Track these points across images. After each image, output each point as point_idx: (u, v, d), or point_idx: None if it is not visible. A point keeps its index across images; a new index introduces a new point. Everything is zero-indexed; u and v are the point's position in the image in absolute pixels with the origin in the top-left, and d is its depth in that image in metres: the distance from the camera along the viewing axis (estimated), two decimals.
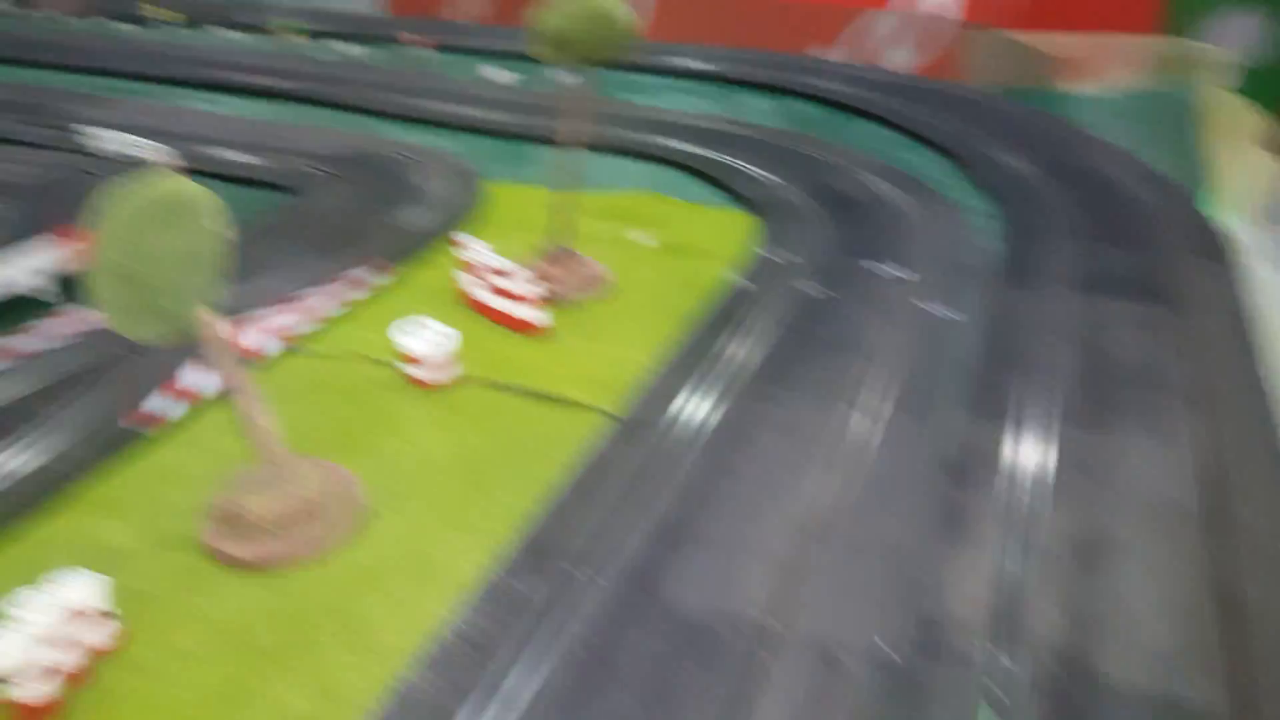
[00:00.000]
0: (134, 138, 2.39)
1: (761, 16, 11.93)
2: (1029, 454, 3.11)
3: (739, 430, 2.52)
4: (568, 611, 1.74)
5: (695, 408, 2.18)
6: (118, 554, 1.25)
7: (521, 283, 1.82)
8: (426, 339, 1.63)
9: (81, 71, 4.04)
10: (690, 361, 2.13)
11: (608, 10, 2.15)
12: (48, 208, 2.46)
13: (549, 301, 1.88)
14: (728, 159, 6.34)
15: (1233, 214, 5.01)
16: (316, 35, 4.04)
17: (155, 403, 1.59)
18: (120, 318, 1.12)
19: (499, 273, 1.81)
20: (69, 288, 2.26)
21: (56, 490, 1.40)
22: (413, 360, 1.58)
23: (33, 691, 1.06)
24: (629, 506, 1.96)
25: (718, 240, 4.15)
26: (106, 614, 1.17)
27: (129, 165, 2.73)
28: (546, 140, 3.57)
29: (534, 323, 1.71)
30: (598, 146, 3.03)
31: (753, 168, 6.10)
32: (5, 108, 3.38)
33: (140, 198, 1.13)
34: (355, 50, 3.63)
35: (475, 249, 1.82)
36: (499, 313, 1.78)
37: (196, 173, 2.69)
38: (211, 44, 4.19)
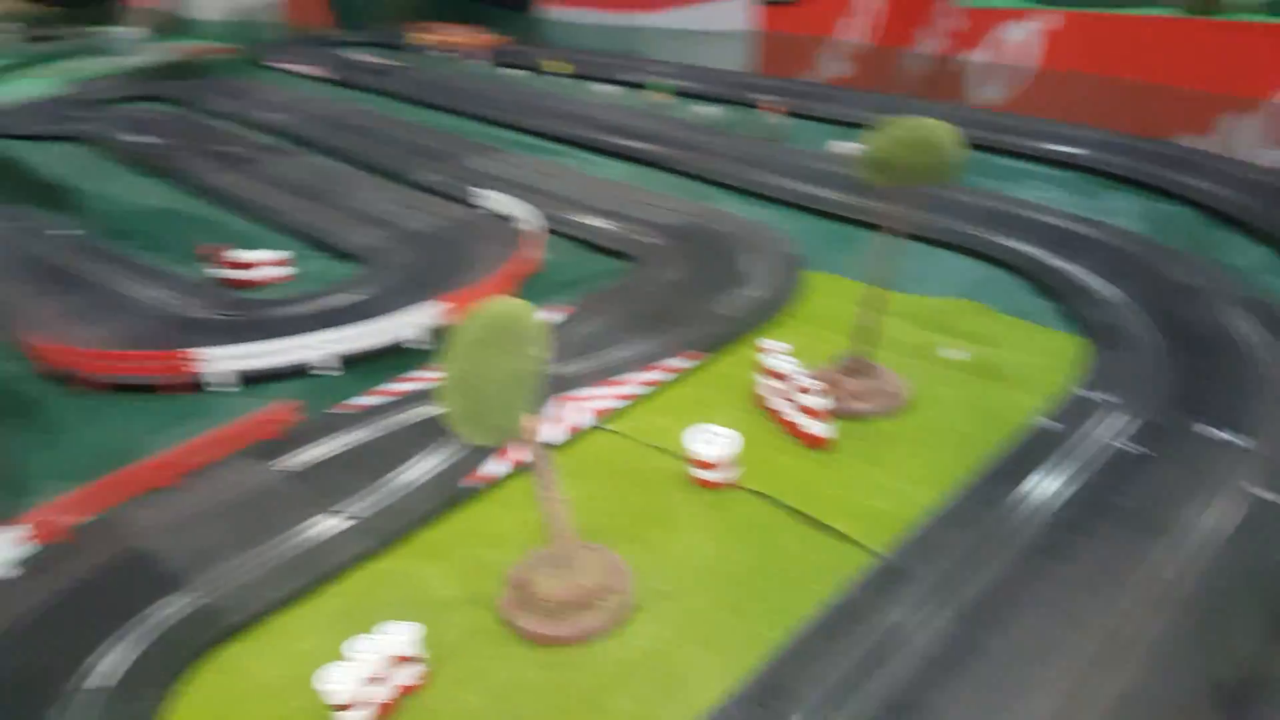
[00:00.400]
0: (509, 199, 2.77)
1: (1134, 97, 10.89)
2: None
3: (1001, 604, 2.24)
4: None
5: (960, 569, 2.00)
6: (433, 600, 1.51)
7: (815, 397, 1.88)
8: (712, 442, 1.76)
9: (470, 116, 4.56)
10: (970, 512, 1.96)
11: (937, 139, 2.09)
12: (437, 263, 2.90)
13: (837, 413, 1.90)
14: (1071, 268, 5.57)
15: None
16: (681, 94, 4.33)
17: (489, 465, 1.86)
18: (460, 424, 1.35)
19: (798, 387, 1.88)
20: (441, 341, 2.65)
21: (401, 533, 1.70)
22: (698, 463, 1.72)
23: (374, 702, 1.32)
24: (868, 665, 1.88)
25: (1036, 367, 3.68)
26: (417, 659, 1.43)
27: (504, 224, 3.07)
28: (876, 226, 3.49)
29: (819, 437, 1.77)
30: (924, 238, 2.91)
31: (1097, 282, 5.35)
32: (416, 150, 3.97)
33: (481, 321, 1.35)
34: (713, 112, 3.83)
35: (777, 356, 1.91)
36: (788, 422, 1.86)
37: (555, 233, 3.04)
38: (588, 100, 4.58)
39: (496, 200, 2.75)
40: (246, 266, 2.54)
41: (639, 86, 4.46)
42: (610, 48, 5.69)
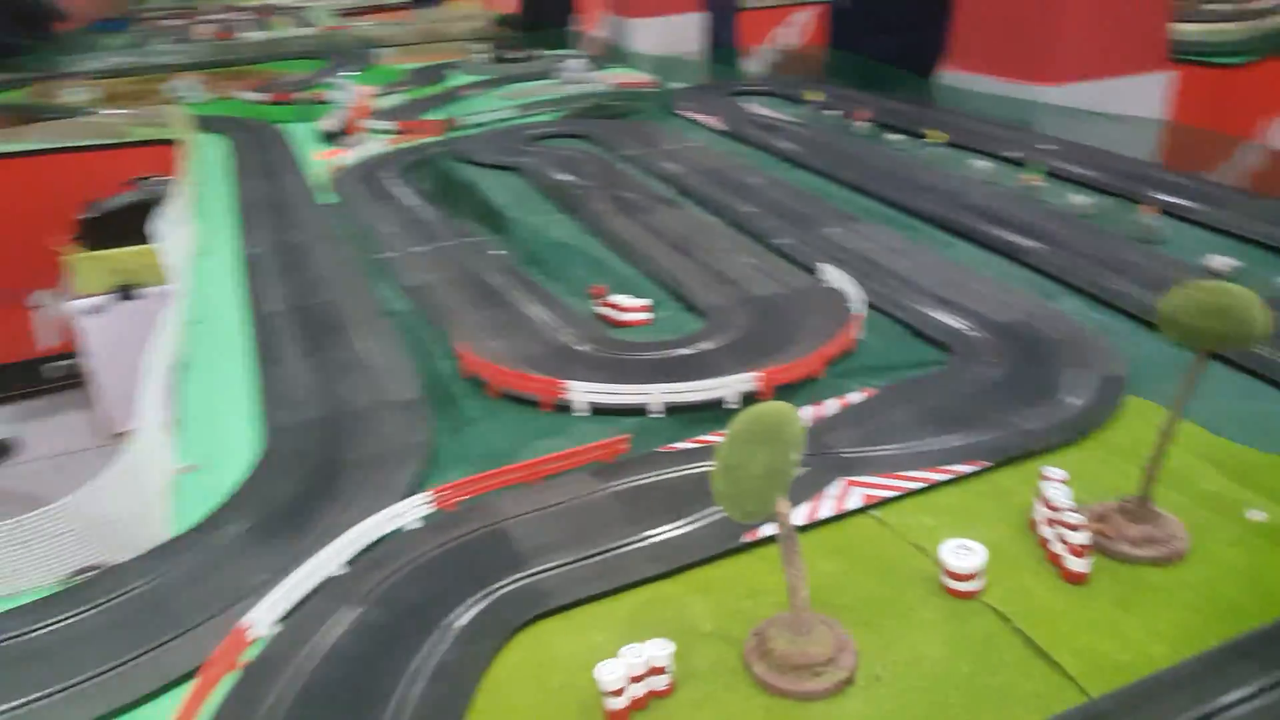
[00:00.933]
0: (845, 277, 2.91)
1: None
2: None
3: None
4: None
5: None
6: (692, 629, 1.81)
7: (1079, 534, 1.82)
8: (966, 554, 1.85)
9: (840, 181, 4.57)
10: (1193, 680, 1.68)
11: (1243, 309, 1.84)
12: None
13: (1104, 551, 1.81)
14: None
15: None
16: (1054, 176, 4.02)
17: (766, 528, 2.10)
18: (722, 502, 1.66)
19: (1065, 522, 1.83)
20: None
21: (683, 566, 2.01)
22: (949, 571, 1.82)
23: (617, 705, 1.70)
24: None
25: None
26: (668, 671, 1.76)
27: (837, 301, 3.15)
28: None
29: (1077, 573, 1.76)
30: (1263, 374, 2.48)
31: None
32: (781, 212, 4.17)
33: (749, 419, 1.62)
34: (1085, 201, 3.54)
35: (1055, 486, 1.86)
36: (1052, 553, 1.84)
37: (880, 311, 3.23)
38: (957, 174, 4.41)
39: (835, 276, 2.92)
40: (621, 309, 3.03)
41: (1017, 164, 4.21)
42: (1004, 117, 5.31)
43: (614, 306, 3.01)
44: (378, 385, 2.67)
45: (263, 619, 1.72)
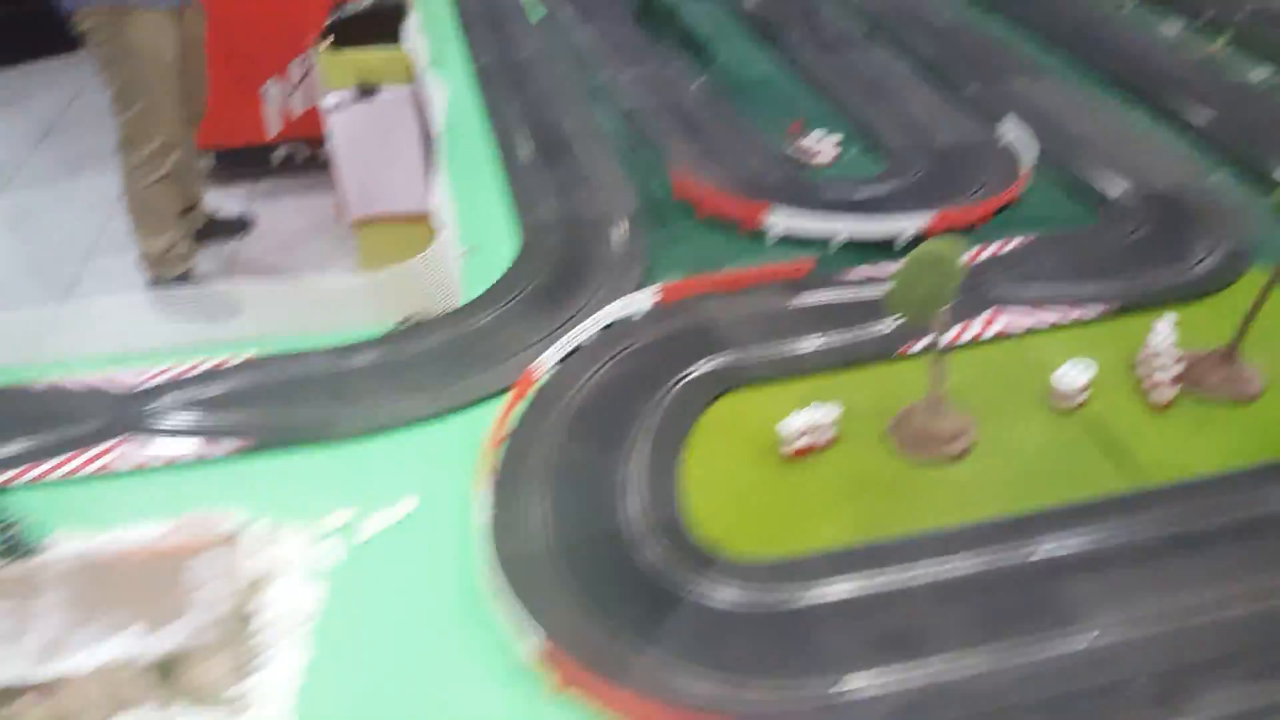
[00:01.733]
0: (1024, 133, 2.96)
1: None
2: None
3: None
4: None
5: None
6: (851, 404, 2.35)
7: (1169, 370, 2.16)
8: (1074, 374, 2.28)
9: (1028, 29, 4.39)
10: (1232, 488, 1.96)
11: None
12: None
13: (1189, 387, 2.13)
14: None
15: None
16: (1237, 44, 3.71)
17: (922, 341, 2.54)
18: (894, 312, 2.18)
19: (1163, 363, 2.15)
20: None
21: (847, 365, 2.55)
22: (1060, 389, 2.25)
23: (791, 448, 2.35)
24: None
25: None
26: (833, 428, 2.34)
27: (1012, 155, 3.33)
28: None
29: (1162, 401, 2.14)
30: None
31: None
32: (972, 61, 4.13)
33: (924, 250, 2.10)
34: (1260, 75, 3.31)
35: (1162, 333, 2.17)
36: (1146, 385, 2.21)
37: (1043, 164, 3.53)
38: (1142, 36, 4.13)
39: (1014, 131, 3.11)
40: (812, 147, 3.36)
41: (1208, 29, 3.86)
42: None
43: (807, 143, 3.44)
44: (603, 198, 3.19)
45: (543, 363, 2.42)
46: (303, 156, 6.97)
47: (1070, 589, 1.84)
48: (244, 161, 6.89)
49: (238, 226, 6.33)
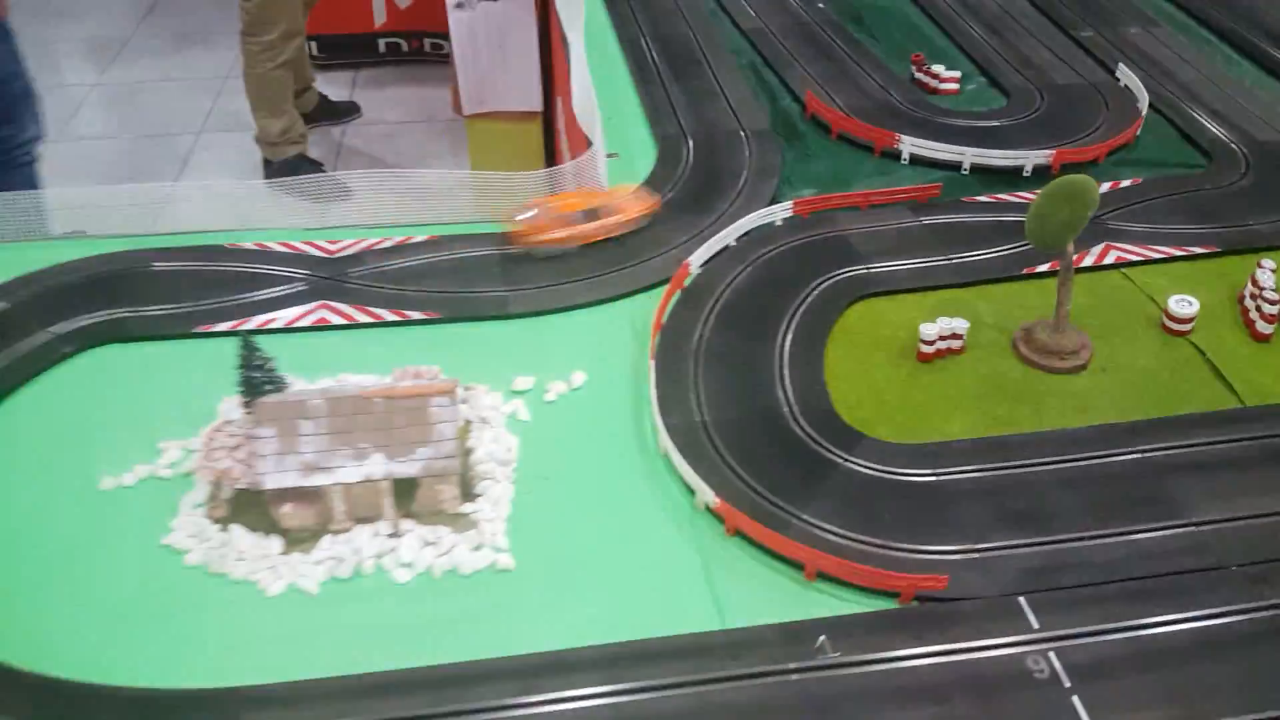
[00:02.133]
0: (1139, 80, 3.18)
1: None
2: None
3: None
4: None
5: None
6: (978, 319, 2.64)
7: (1270, 304, 2.38)
8: (1184, 306, 2.51)
9: None
10: None
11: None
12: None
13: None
14: None
15: None
16: None
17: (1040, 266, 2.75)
18: (1031, 238, 2.41)
19: (1264, 298, 2.37)
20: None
21: (973, 282, 2.80)
22: (1170, 316, 2.48)
23: (929, 350, 2.61)
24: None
25: None
26: (962, 338, 2.62)
27: (1129, 99, 3.49)
28: None
29: (1262, 333, 2.36)
30: None
31: None
32: (1088, 4, 4.19)
33: (1060, 183, 2.31)
34: None
35: (1265, 272, 2.37)
36: (1248, 318, 2.43)
37: (1155, 109, 3.70)
38: None
39: (1127, 76, 3.26)
40: (936, 77, 3.52)
41: None
42: None
43: (930, 74, 3.64)
44: (735, 112, 3.42)
45: (694, 261, 2.70)
46: (408, 49, 7.15)
47: (1177, 487, 2.14)
48: (347, 49, 7.05)
49: (347, 110, 6.57)
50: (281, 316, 2.30)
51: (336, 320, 2.39)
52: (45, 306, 2.29)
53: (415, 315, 2.41)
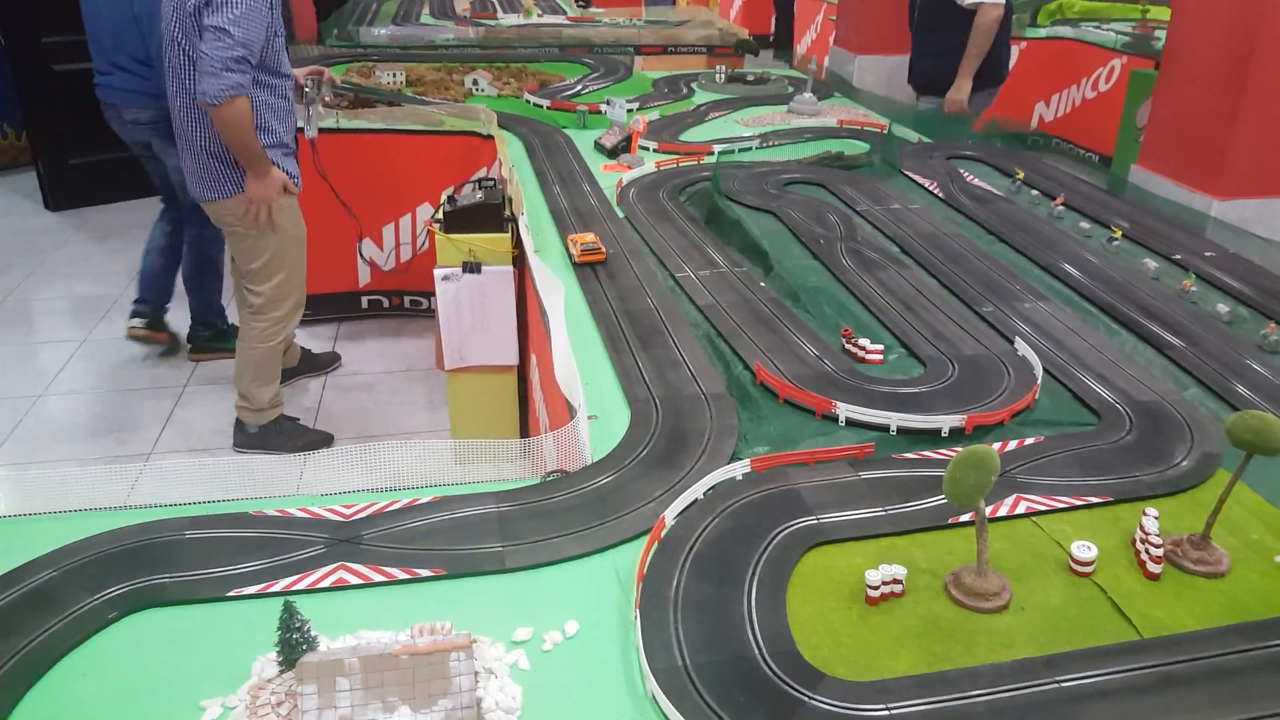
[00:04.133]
0: (1030, 350, 3.69)
1: None
2: None
3: None
4: None
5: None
6: (915, 565, 3.07)
7: (1158, 549, 2.81)
8: (1085, 551, 2.96)
9: (1030, 259, 5.26)
10: (1207, 641, 2.64)
11: (1272, 430, 2.76)
12: None
13: (1173, 563, 2.73)
14: None
15: None
16: (1203, 281, 4.32)
17: (963, 516, 3.21)
18: (948, 497, 2.89)
19: (1152, 544, 2.79)
20: None
21: (906, 530, 3.27)
22: (1075, 560, 2.92)
23: (875, 595, 3.01)
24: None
25: None
26: (900, 584, 3.05)
27: (1027, 367, 4.17)
28: None
29: (1152, 573, 2.77)
30: None
31: None
32: (985, 282, 4.91)
33: (968, 452, 2.81)
34: (1224, 309, 3.99)
35: (1150, 520, 2.82)
36: (1139, 560, 2.85)
37: (1049, 374, 4.37)
38: (1128, 267, 4.92)
39: (1026, 348, 3.85)
40: (863, 349, 4.12)
41: (1180, 266, 4.65)
42: (1180, 219, 5.49)
43: (858, 345, 4.27)
44: (696, 378, 3.90)
45: (669, 514, 3.11)
46: (389, 305, 7.86)
47: (1088, 712, 2.54)
48: (331, 305, 7.66)
49: (328, 361, 6.99)
50: (305, 579, 2.65)
51: (354, 580, 2.73)
52: (90, 575, 2.64)
53: (424, 572, 2.77)
